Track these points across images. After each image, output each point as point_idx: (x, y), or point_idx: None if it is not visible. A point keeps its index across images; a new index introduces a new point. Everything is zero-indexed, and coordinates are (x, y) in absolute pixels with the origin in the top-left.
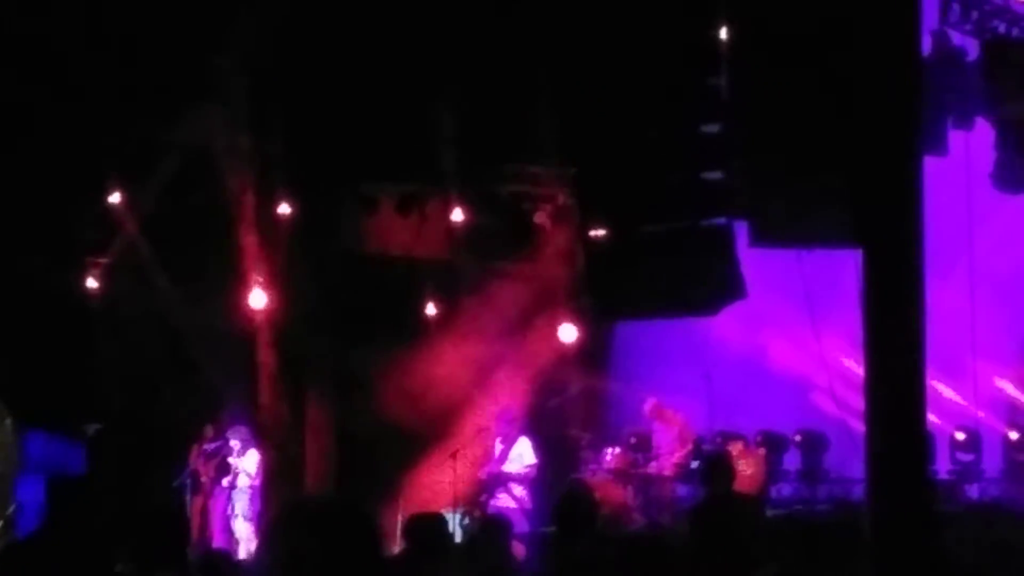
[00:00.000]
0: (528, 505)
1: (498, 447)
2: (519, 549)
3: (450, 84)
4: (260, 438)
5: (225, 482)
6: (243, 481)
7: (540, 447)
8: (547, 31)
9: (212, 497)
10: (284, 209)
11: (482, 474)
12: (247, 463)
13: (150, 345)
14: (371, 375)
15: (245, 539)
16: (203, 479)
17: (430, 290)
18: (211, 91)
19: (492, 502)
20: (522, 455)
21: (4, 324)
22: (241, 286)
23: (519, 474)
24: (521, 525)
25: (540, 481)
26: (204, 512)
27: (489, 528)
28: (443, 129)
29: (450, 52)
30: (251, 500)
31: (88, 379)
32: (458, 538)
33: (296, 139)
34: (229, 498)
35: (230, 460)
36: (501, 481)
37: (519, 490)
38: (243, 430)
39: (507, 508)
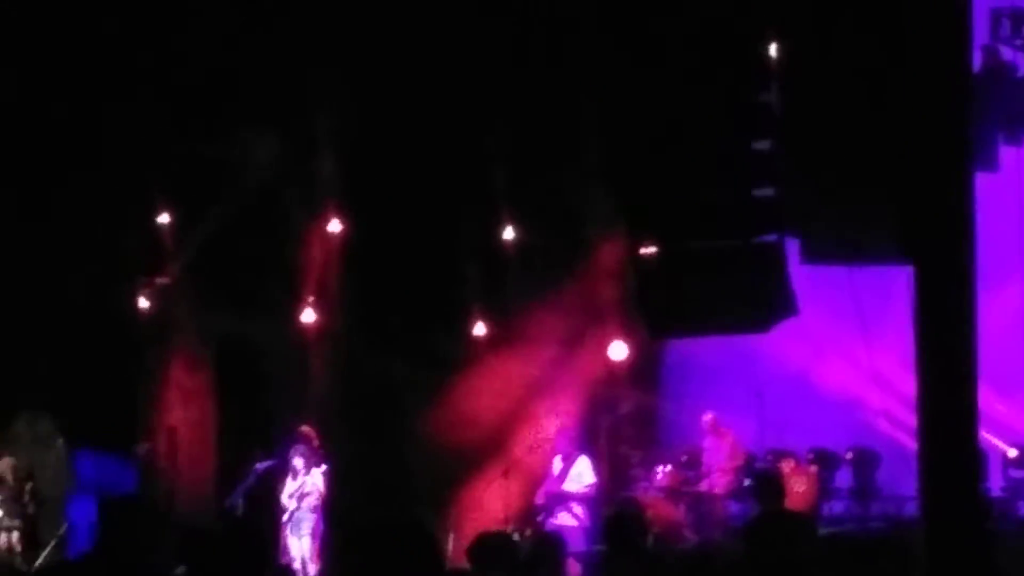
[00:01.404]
0: (587, 524)
1: (557, 465)
2: (575, 568)
3: (501, 101)
4: (321, 456)
5: (287, 500)
6: (309, 500)
7: (595, 465)
8: (596, 50)
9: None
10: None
11: (540, 495)
12: (315, 480)
13: (202, 364)
14: (422, 394)
15: (308, 558)
16: (257, 499)
17: (480, 308)
18: (267, 111)
19: (550, 520)
20: (582, 474)
21: (55, 344)
22: (298, 303)
23: (579, 493)
24: (579, 543)
25: (595, 500)
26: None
27: (543, 546)
28: (493, 146)
29: (500, 70)
30: (316, 519)
31: (139, 398)
32: None
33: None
34: (291, 517)
35: (294, 479)
36: (561, 499)
37: (578, 509)
38: (304, 449)
39: (566, 527)
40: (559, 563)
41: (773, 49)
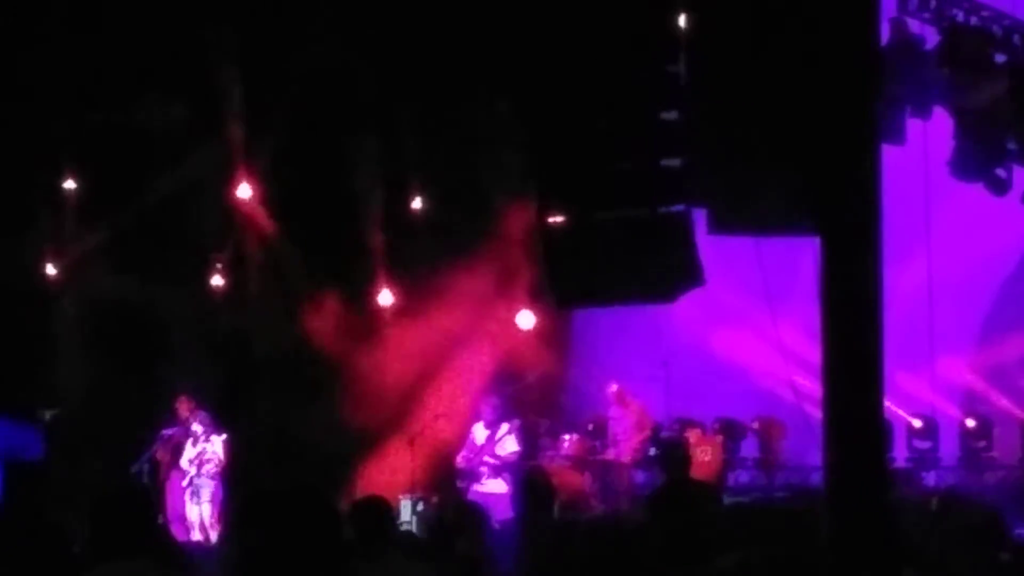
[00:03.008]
0: (508, 491)
1: (480, 432)
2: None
3: (409, 68)
4: (223, 423)
5: (187, 465)
6: (210, 467)
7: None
8: (506, 19)
9: (169, 482)
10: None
11: (461, 460)
12: (215, 447)
13: (109, 333)
14: (329, 362)
15: (208, 524)
16: (161, 464)
17: (388, 276)
18: (175, 77)
19: (475, 487)
20: (505, 442)
21: None
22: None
23: (503, 461)
24: (506, 512)
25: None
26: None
27: (463, 515)
28: (402, 114)
29: (408, 37)
30: (216, 486)
31: (47, 365)
32: (414, 525)
33: None
34: (191, 483)
35: (194, 446)
36: (485, 467)
37: (502, 477)
38: (205, 416)
39: (491, 494)
40: (480, 531)
41: (681, 19)
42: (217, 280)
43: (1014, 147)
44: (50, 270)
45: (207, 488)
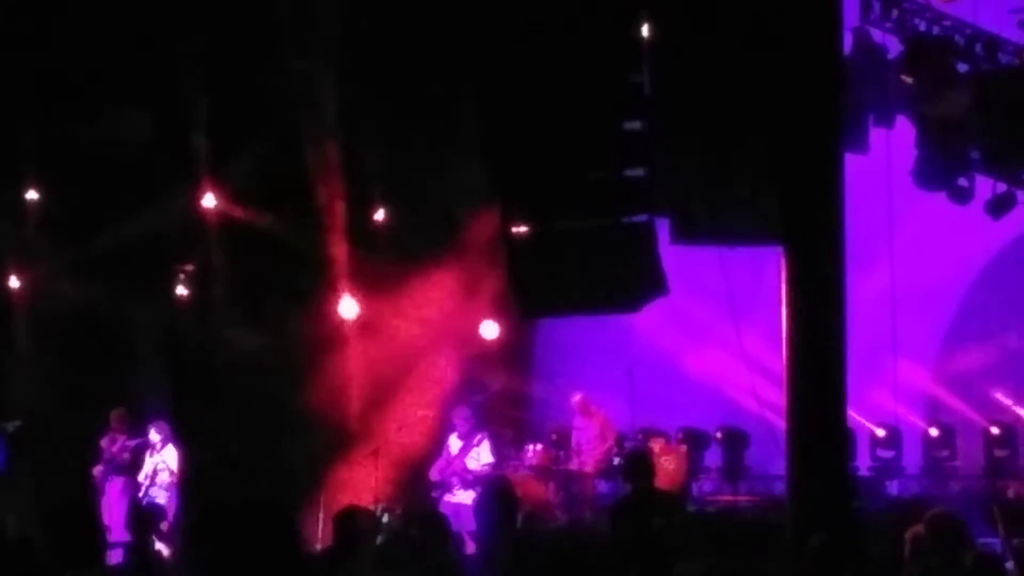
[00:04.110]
0: None
1: (455, 444)
2: (470, 546)
3: (374, 80)
4: (180, 434)
5: (142, 477)
6: (163, 477)
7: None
8: (469, 30)
9: (122, 491)
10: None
11: (434, 472)
12: (167, 458)
13: (71, 343)
14: (292, 372)
15: None
16: (102, 473)
17: (352, 286)
18: (139, 90)
19: (446, 498)
20: (480, 454)
21: None
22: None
23: (477, 472)
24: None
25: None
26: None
27: (429, 525)
28: (367, 124)
29: (373, 49)
30: (170, 497)
31: (8, 378)
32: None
33: None
34: (145, 493)
35: (150, 456)
36: (459, 478)
37: (474, 488)
38: (163, 425)
39: (462, 505)
40: (444, 542)
41: (645, 30)
42: (181, 290)
43: (976, 156)
44: (12, 282)
45: (160, 499)
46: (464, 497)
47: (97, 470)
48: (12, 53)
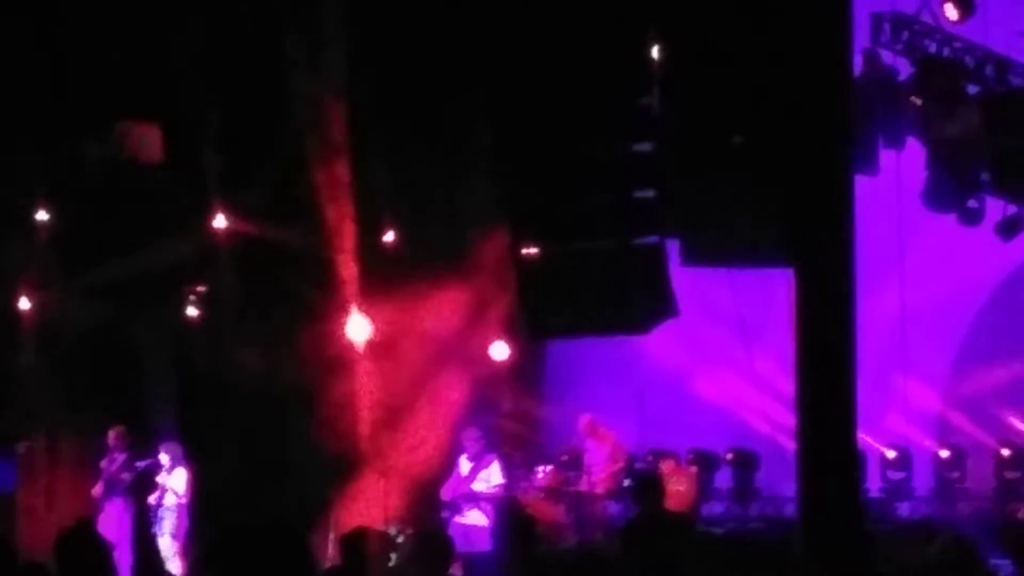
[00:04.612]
0: (492, 524)
1: (465, 466)
2: (483, 567)
3: (385, 100)
4: (190, 455)
5: (152, 499)
6: (170, 499)
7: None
8: (480, 51)
9: (122, 511)
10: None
11: (445, 493)
12: (175, 481)
13: (81, 363)
14: (302, 393)
15: (170, 557)
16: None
17: (360, 306)
18: (151, 107)
19: (456, 519)
20: (491, 475)
21: None
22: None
23: (487, 493)
24: (487, 543)
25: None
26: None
27: (426, 545)
28: (377, 145)
29: (382, 71)
30: (178, 518)
31: (17, 396)
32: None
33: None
34: (155, 514)
35: (158, 478)
36: (469, 499)
37: (485, 509)
38: (173, 447)
39: (475, 526)
40: (441, 562)
41: (655, 52)
42: (191, 311)
43: (986, 178)
44: (23, 302)
45: (168, 520)
46: (474, 518)
47: (96, 490)
48: (22, 70)
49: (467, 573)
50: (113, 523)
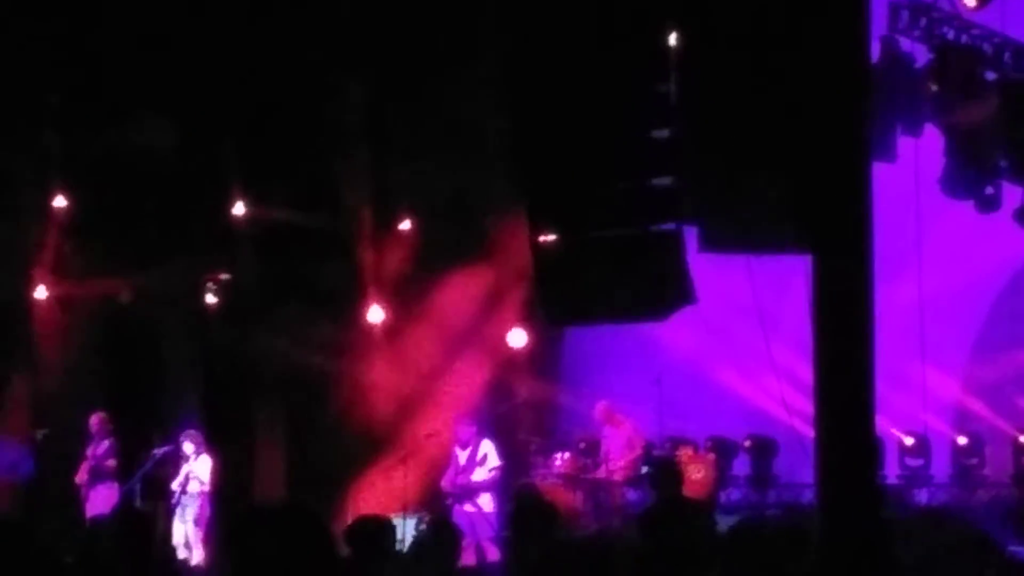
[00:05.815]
0: (496, 509)
1: (461, 455)
2: (493, 552)
3: (400, 90)
4: (213, 443)
5: (175, 486)
6: (194, 487)
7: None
8: (497, 40)
9: (107, 498)
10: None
11: (445, 482)
12: (199, 468)
13: (101, 351)
14: (321, 380)
15: (193, 544)
16: (86, 480)
17: (379, 294)
18: (166, 97)
19: (458, 507)
20: (487, 458)
21: None
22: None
23: (487, 479)
24: (491, 529)
25: (502, 483)
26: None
27: (438, 533)
28: (393, 133)
29: (398, 57)
30: (201, 505)
31: (36, 385)
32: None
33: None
34: (179, 502)
35: (182, 465)
36: (468, 488)
37: (486, 496)
38: (196, 435)
39: (476, 513)
40: (451, 551)
41: (672, 38)
42: (211, 298)
43: (1005, 165)
44: (41, 291)
45: (191, 507)
46: (482, 504)
47: (80, 476)
48: (39, 60)
49: (479, 559)
50: (99, 510)
